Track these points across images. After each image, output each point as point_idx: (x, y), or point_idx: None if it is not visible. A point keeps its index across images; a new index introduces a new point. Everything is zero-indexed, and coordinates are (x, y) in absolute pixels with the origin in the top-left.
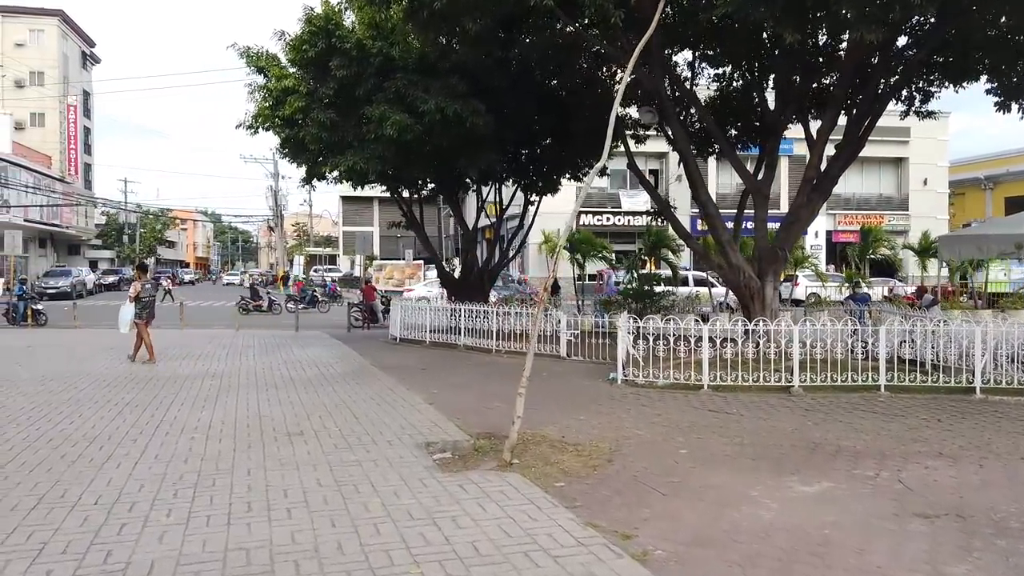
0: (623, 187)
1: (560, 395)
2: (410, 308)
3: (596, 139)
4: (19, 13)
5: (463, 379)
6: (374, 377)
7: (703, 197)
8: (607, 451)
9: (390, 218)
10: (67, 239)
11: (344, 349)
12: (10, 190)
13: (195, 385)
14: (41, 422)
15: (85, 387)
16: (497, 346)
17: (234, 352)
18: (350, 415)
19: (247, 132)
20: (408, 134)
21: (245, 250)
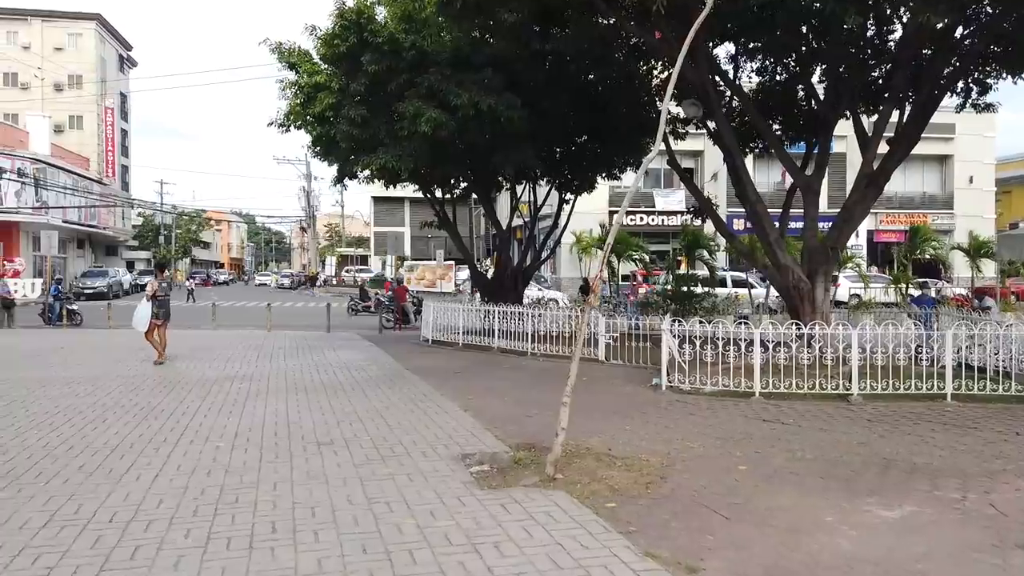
0: (657, 186)
1: (602, 402)
2: (442, 309)
3: (634, 135)
4: (58, 17)
5: (498, 384)
6: (407, 381)
7: (750, 194)
8: (659, 466)
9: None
10: (105, 240)
11: (376, 351)
12: (49, 191)
13: (223, 389)
14: (64, 428)
15: (112, 390)
16: (532, 348)
17: (264, 354)
18: (382, 423)
19: (279, 130)
20: (442, 130)
21: (278, 251)
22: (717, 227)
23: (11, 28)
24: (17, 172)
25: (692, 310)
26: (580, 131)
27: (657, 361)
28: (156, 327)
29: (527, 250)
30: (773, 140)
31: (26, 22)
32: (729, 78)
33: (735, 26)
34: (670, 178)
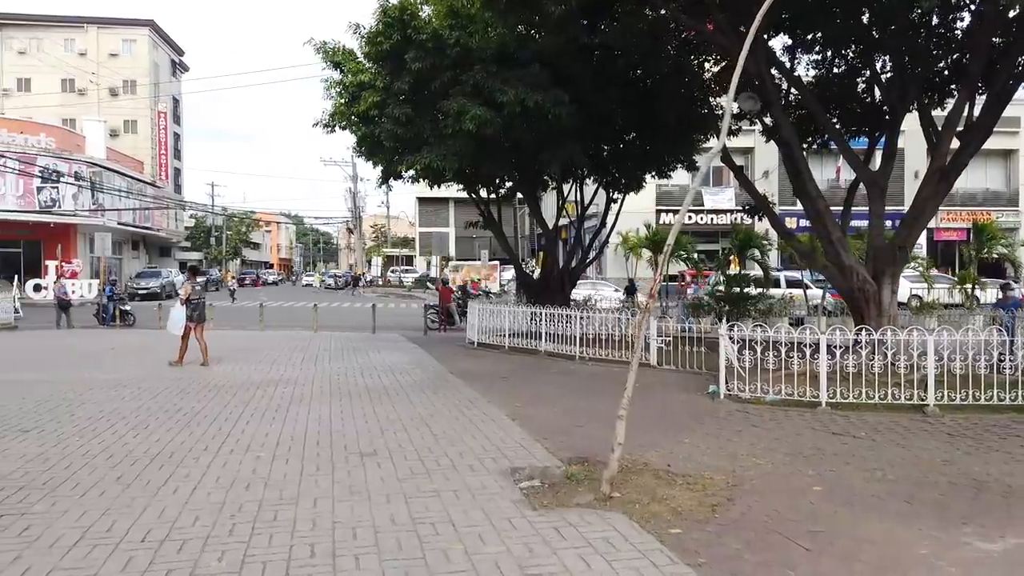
0: (705, 184)
1: (656, 412)
2: (488, 311)
3: (684, 131)
4: (113, 24)
5: (547, 390)
6: (452, 387)
7: (811, 190)
8: (724, 485)
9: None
10: (158, 241)
11: (420, 354)
12: (104, 194)
13: (267, 394)
14: (106, 434)
15: (158, 394)
16: (580, 352)
17: (309, 356)
18: (427, 432)
19: (324, 131)
20: (487, 128)
21: (326, 251)
22: (774, 225)
23: (68, 35)
24: (74, 175)
25: (746, 312)
26: (628, 128)
27: (712, 367)
28: (191, 329)
29: (574, 250)
30: (835, 134)
31: (82, 29)
32: (787, 69)
33: (791, 16)
34: (719, 175)
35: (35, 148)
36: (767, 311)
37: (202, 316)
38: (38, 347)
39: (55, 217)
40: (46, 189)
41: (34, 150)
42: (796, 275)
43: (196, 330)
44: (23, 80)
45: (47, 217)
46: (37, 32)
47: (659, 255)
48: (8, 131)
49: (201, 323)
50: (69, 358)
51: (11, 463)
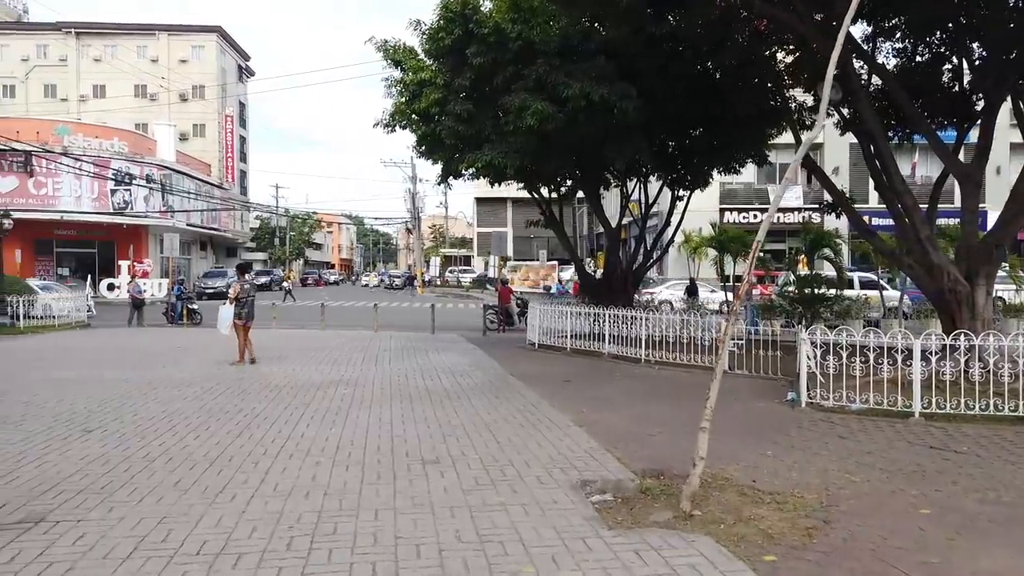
0: (772, 181)
1: (734, 420)
2: (548, 312)
3: (754, 125)
4: (182, 31)
5: (613, 395)
6: (515, 390)
7: (897, 184)
8: (818, 506)
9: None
10: (225, 242)
11: (480, 355)
12: (174, 196)
13: (327, 395)
14: (166, 435)
15: (219, 394)
16: (646, 355)
17: (370, 356)
18: (491, 439)
19: (384, 130)
20: (550, 123)
21: (385, 251)
22: (854, 223)
23: (141, 43)
24: (146, 178)
25: (820, 314)
26: (695, 122)
27: (787, 372)
28: (240, 328)
29: (637, 250)
30: (923, 125)
31: (154, 36)
32: (870, 57)
33: (874, 2)
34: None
35: (109, 152)
36: (844, 313)
37: (251, 314)
38: (108, 346)
39: (127, 218)
40: (119, 191)
41: (108, 154)
42: (871, 276)
43: (243, 328)
44: (99, 87)
45: (120, 218)
46: (112, 40)
47: (726, 255)
48: (84, 136)
49: (250, 321)
50: (136, 357)
51: (72, 465)
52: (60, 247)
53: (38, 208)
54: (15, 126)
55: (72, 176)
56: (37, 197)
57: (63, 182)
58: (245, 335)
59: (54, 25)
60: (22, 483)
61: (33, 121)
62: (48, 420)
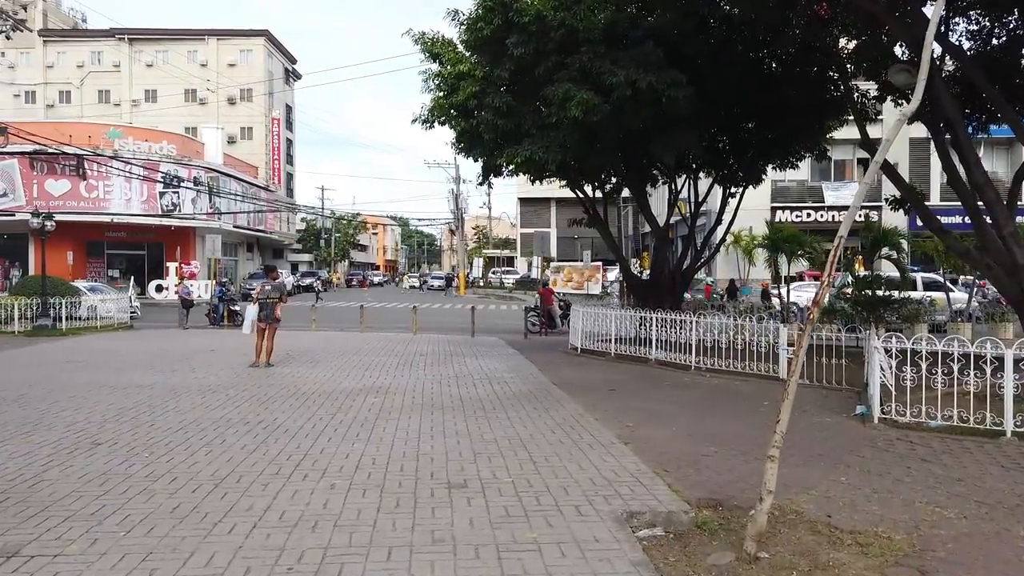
0: (825, 179)
1: (800, 438)
2: (592, 315)
3: (811, 117)
4: (231, 35)
5: (662, 407)
6: (555, 400)
7: (978, 177)
8: (909, 550)
9: (568, 219)
10: (271, 244)
11: (520, 360)
12: (221, 198)
13: (355, 405)
14: (178, 450)
15: (242, 403)
16: (696, 362)
17: (405, 361)
18: (526, 458)
19: (422, 127)
20: (594, 115)
21: (430, 252)
22: (925, 220)
23: (191, 48)
24: (193, 180)
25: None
26: (748, 114)
27: (853, 382)
28: (261, 330)
29: (686, 250)
30: (1008, 111)
31: (203, 41)
32: (948, 40)
33: None
34: (841, 169)
35: (158, 155)
36: (911, 317)
37: (269, 316)
38: (142, 349)
39: (175, 221)
40: (168, 194)
41: (157, 157)
42: (935, 276)
43: (261, 329)
44: (150, 91)
45: (168, 221)
46: (163, 45)
47: (777, 254)
48: (135, 139)
49: (270, 323)
50: (166, 360)
51: (69, 484)
52: (111, 249)
53: (89, 211)
54: (68, 130)
55: (122, 179)
56: (88, 200)
57: (113, 185)
58: (261, 336)
59: (108, 32)
60: (10, 506)
61: (85, 125)
62: (60, 430)
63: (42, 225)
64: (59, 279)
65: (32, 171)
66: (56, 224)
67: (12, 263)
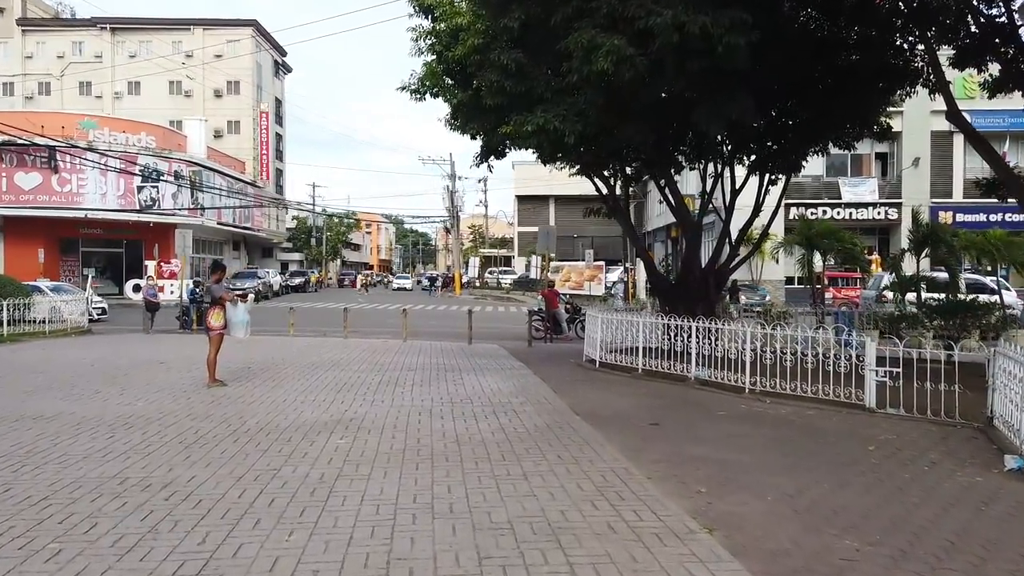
0: (842, 175)
1: (931, 509)
2: (615, 323)
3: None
4: (217, 25)
5: (733, 454)
6: (583, 441)
7: None
8: None
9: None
10: (260, 242)
11: (528, 377)
12: (204, 193)
13: (311, 451)
14: (7, 549)
15: (157, 447)
16: (751, 383)
17: (389, 378)
18: (560, 561)
19: (412, 97)
20: (626, 70)
21: (424, 252)
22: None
23: (176, 38)
24: (174, 175)
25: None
26: (800, 84)
27: (969, 414)
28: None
29: (720, 247)
30: None
31: (189, 31)
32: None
33: None
34: (859, 164)
35: (136, 147)
36: (1000, 325)
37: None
38: (80, 361)
39: (154, 216)
40: (146, 188)
41: (135, 149)
42: (982, 279)
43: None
44: (133, 84)
45: (146, 216)
46: (147, 35)
47: (812, 252)
48: (111, 130)
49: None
50: (100, 378)
51: None
52: (86, 246)
53: (61, 206)
54: (40, 120)
55: (97, 172)
56: (61, 195)
57: (88, 178)
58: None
59: (89, 21)
60: None
61: (58, 115)
62: None
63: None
64: (8, 278)
65: (1, 163)
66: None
67: None
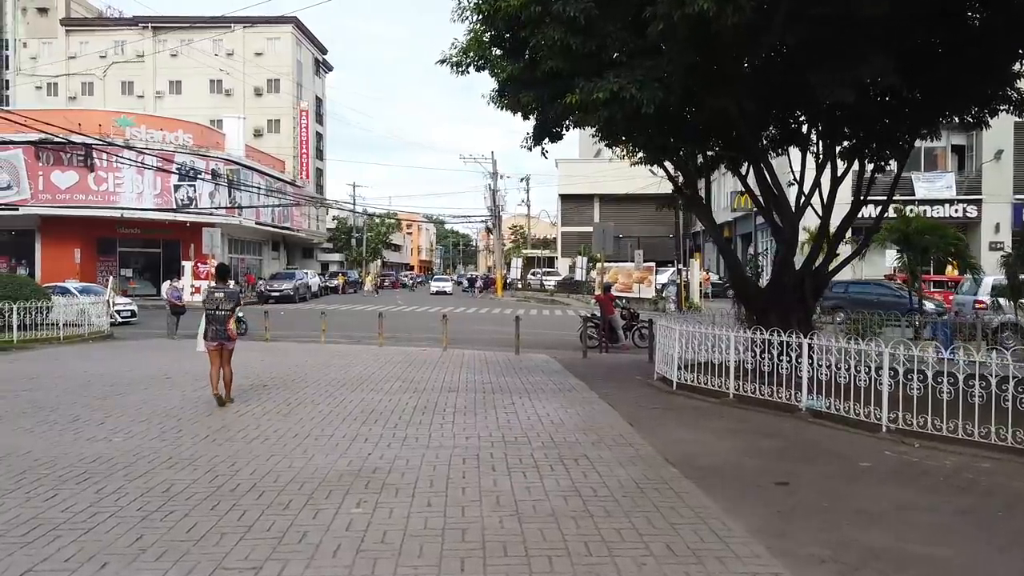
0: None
1: None
2: (697, 337)
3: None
4: (258, 23)
5: (929, 544)
6: (695, 515)
7: None
8: None
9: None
10: (300, 242)
11: (593, 402)
12: (242, 192)
13: (315, 530)
14: None
15: (109, 514)
16: (889, 420)
17: (425, 403)
18: None
19: (453, 71)
20: (729, 13)
21: (465, 253)
22: None
23: (216, 36)
24: (211, 173)
25: None
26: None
27: None
28: (213, 352)
29: (818, 245)
30: None
31: (229, 29)
32: None
33: None
34: (932, 158)
35: (173, 145)
36: None
37: (220, 333)
38: (81, 374)
39: (191, 216)
40: (183, 187)
41: (172, 147)
42: None
43: (216, 351)
44: (175, 83)
45: (182, 216)
46: (188, 34)
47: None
48: (147, 128)
49: (222, 343)
50: (87, 398)
51: None
52: (124, 247)
53: (98, 205)
54: (77, 118)
55: (134, 171)
56: (97, 193)
57: (124, 177)
58: (217, 359)
59: (131, 20)
60: None
61: (95, 113)
62: None
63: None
64: (26, 279)
65: (38, 162)
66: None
67: (18, 261)
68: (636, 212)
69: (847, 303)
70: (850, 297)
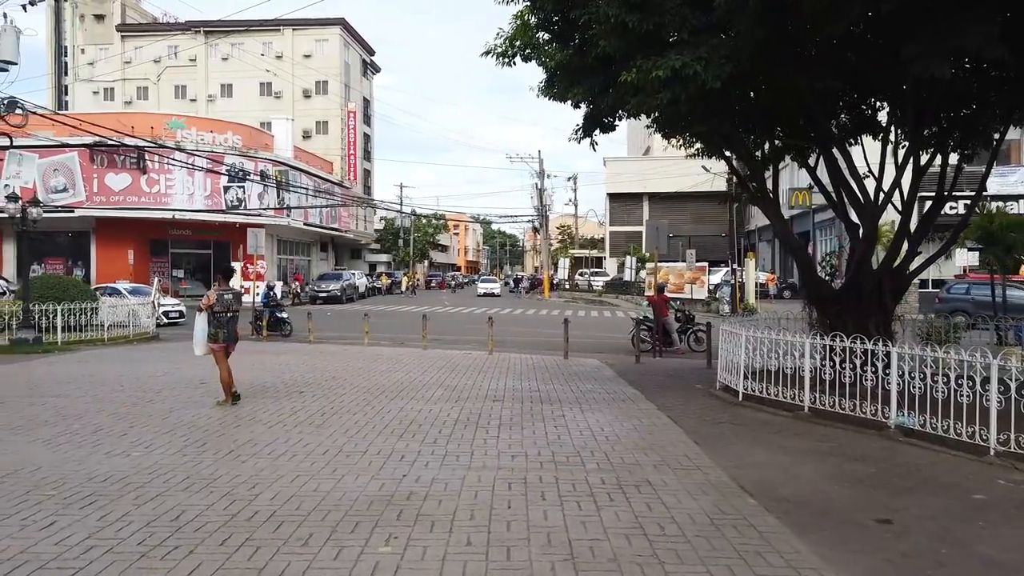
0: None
1: None
2: (769, 343)
3: None
4: (306, 25)
5: None
6: (786, 563)
7: None
8: None
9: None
10: (348, 243)
11: (653, 416)
12: (290, 193)
13: (337, 573)
14: None
15: (97, 556)
16: (998, 442)
17: (469, 415)
18: None
19: (498, 62)
20: None
21: (512, 254)
22: None
23: (266, 39)
24: (260, 174)
25: None
26: None
27: None
28: (215, 352)
29: (898, 242)
30: None
31: (279, 32)
32: None
33: None
34: (1005, 152)
35: (222, 147)
36: None
37: (230, 336)
38: (109, 379)
39: (240, 217)
40: (232, 188)
41: (221, 149)
42: None
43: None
44: (226, 86)
45: (232, 217)
46: (238, 38)
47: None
48: (198, 130)
49: (229, 344)
50: (115, 405)
51: None
52: (175, 248)
53: (150, 206)
54: (129, 121)
55: (185, 173)
56: (149, 195)
57: (175, 179)
58: (226, 360)
59: (184, 25)
60: None
61: (147, 116)
62: None
63: (22, 214)
64: (71, 280)
65: (92, 164)
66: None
67: (75, 263)
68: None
69: (970, 306)
70: (973, 300)
